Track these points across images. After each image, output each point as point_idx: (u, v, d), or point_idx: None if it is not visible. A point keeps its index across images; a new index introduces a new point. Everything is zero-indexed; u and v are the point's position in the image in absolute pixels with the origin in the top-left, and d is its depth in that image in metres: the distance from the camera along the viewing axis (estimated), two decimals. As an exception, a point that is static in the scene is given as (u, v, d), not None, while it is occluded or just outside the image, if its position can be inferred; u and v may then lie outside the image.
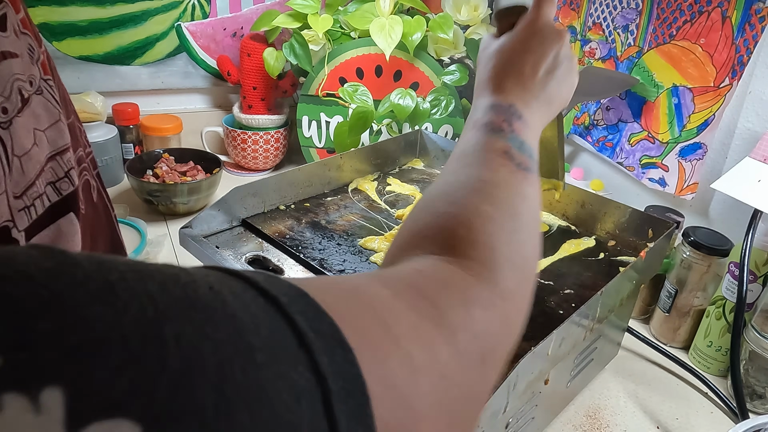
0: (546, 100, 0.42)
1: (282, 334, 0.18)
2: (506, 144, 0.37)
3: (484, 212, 0.32)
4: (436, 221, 0.32)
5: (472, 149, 0.37)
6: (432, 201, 0.34)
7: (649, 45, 0.97)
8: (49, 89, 0.36)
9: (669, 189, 0.94)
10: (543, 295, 0.65)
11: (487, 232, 0.31)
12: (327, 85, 1.15)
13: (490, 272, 0.29)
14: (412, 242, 0.32)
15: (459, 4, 1.17)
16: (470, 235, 0.30)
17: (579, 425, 0.69)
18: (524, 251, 0.33)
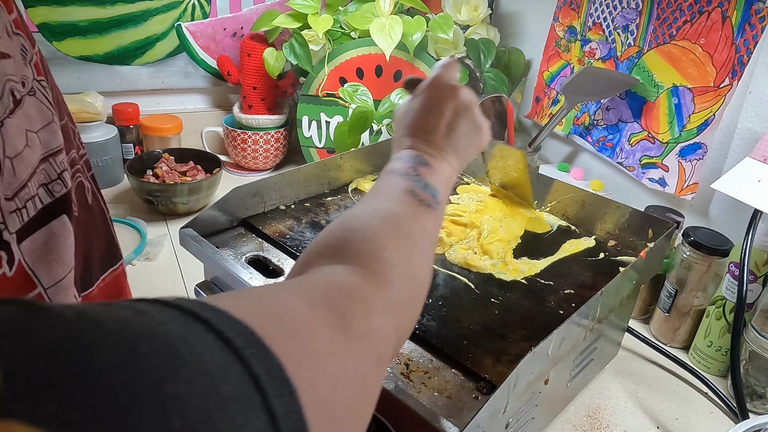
0: (453, 148, 0.48)
1: (242, 379, 0.19)
2: (411, 185, 0.43)
3: (387, 235, 0.37)
4: (347, 236, 0.37)
5: (384, 188, 0.44)
6: (346, 220, 0.39)
7: (649, 45, 0.97)
8: (42, 90, 0.36)
9: (669, 189, 0.94)
10: (543, 295, 0.65)
11: (388, 250, 0.36)
12: (327, 85, 1.15)
13: (387, 283, 0.33)
14: (324, 252, 0.36)
15: (459, 4, 1.17)
16: (374, 250, 0.35)
17: (579, 425, 0.69)
18: (417, 271, 0.37)
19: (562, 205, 0.82)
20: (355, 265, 0.33)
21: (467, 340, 0.56)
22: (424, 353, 0.54)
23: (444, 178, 0.46)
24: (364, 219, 0.39)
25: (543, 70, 1.19)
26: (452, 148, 0.48)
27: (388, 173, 0.46)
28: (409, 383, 0.51)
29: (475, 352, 0.55)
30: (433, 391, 0.50)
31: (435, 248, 0.42)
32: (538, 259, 0.72)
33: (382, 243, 0.36)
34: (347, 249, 0.35)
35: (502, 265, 0.69)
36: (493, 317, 0.60)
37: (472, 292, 0.65)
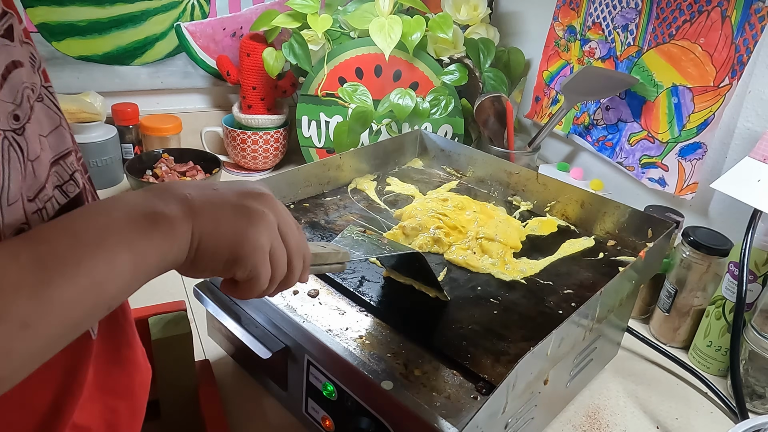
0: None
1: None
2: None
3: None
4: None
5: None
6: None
7: (648, 44, 0.97)
8: (49, 96, 0.37)
9: (669, 189, 0.94)
10: (542, 295, 0.65)
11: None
12: (326, 85, 1.15)
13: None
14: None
15: (458, 3, 1.17)
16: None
17: (579, 425, 0.69)
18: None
19: (562, 205, 0.81)
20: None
21: (466, 340, 0.56)
22: (423, 353, 0.54)
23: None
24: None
25: (542, 69, 1.19)
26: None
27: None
28: (407, 383, 0.51)
29: (474, 353, 0.54)
30: (432, 392, 0.50)
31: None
32: (538, 259, 0.72)
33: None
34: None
35: (501, 265, 0.69)
36: (493, 317, 0.60)
37: (471, 291, 0.65)
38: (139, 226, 0.32)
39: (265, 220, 0.38)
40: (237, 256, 0.37)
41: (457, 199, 0.82)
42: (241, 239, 0.36)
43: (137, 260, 0.32)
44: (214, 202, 0.36)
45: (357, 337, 0.56)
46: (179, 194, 0.35)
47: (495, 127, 1.13)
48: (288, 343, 0.61)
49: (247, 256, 0.37)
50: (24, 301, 0.26)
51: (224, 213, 0.36)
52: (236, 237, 0.36)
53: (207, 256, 0.36)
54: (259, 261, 0.38)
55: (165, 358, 0.60)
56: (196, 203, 0.35)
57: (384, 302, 0.61)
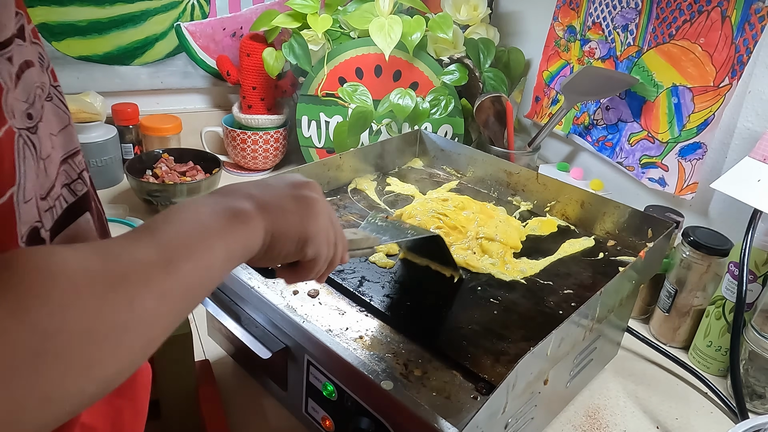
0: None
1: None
2: None
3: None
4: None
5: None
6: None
7: (648, 45, 0.97)
8: (58, 95, 0.37)
9: (669, 189, 0.94)
10: (542, 295, 0.65)
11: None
12: (326, 85, 1.15)
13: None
14: None
15: (458, 3, 1.17)
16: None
17: (579, 425, 0.69)
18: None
19: (562, 205, 0.81)
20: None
21: (466, 340, 0.56)
22: (423, 353, 0.54)
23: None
24: None
25: (542, 69, 1.19)
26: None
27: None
28: (407, 383, 0.51)
29: (474, 353, 0.54)
30: (432, 392, 0.50)
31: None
32: (538, 259, 0.72)
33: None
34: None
35: (501, 265, 0.69)
36: (493, 317, 0.60)
37: (471, 291, 0.65)
38: (225, 222, 0.35)
39: (321, 205, 0.43)
40: (306, 239, 0.41)
41: (457, 199, 0.82)
42: (306, 224, 0.41)
43: (228, 250, 0.35)
44: (276, 195, 0.40)
45: (357, 337, 0.56)
46: (245, 193, 0.39)
47: (495, 127, 1.13)
48: (288, 343, 0.61)
49: (314, 237, 0.41)
50: (157, 283, 0.29)
51: (287, 203, 0.40)
52: (302, 223, 0.40)
53: (280, 243, 0.39)
54: (322, 241, 0.42)
55: (165, 358, 0.60)
56: (262, 199, 0.39)
57: (384, 302, 0.61)
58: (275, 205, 0.39)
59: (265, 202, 0.39)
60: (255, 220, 0.37)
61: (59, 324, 0.24)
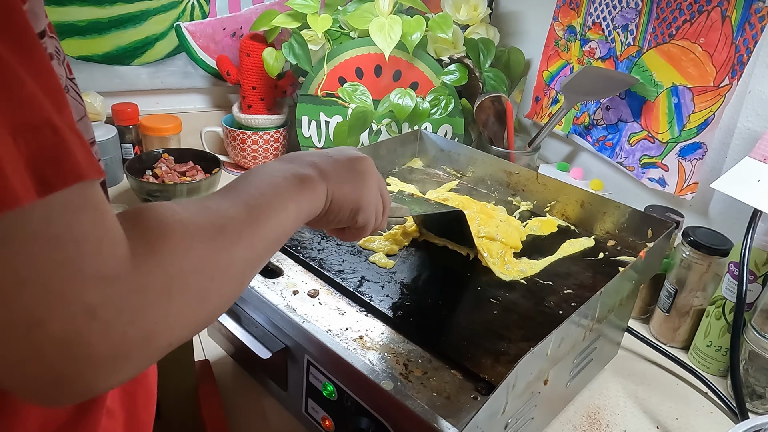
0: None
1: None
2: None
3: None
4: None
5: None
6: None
7: (648, 44, 0.97)
8: (74, 88, 0.39)
9: (669, 189, 0.94)
10: (542, 295, 0.65)
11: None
12: (326, 85, 1.15)
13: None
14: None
15: (458, 3, 1.17)
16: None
17: (579, 425, 0.69)
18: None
19: (562, 205, 0.81)
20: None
21: (466, 340, 0.56)
22: (423, 353, 0.54)
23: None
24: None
25: (542, 69, 1.19)
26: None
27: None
28: (407, 383, 0.51)
29: (474, 353, 0.54)
30: (432, 392, 0.50)
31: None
32: (538, 259, 0.72)
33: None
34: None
35: (501, 265, 0.69)
36: (492, 317, 0.60)
37: (471, 291, 0.65)
38: (295, 185, 0.40)
39: (374, 179, 0.48)
40: (359, 207, 0.46)
41: (457, 199, 0.82)
42: (360, 194, 0.46)
43: (297, 210, 0.40)
44: (336, 167, 0.45)
45: (357, 337, 0.56)
46: (310, 161, 0.43)
47: (495, 127, 1.13)
48: (288, 343, 0.61)
49: (366, 207, 0.47)
50: (248, 234, 0.35)
51: (345, 174, 0.45)
52: (357, 192, 0.46)
53: (336, 209, 0.44)
54: (370, 212, 0.47)
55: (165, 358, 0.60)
56: (324, 168, 0.43)
57: (384, 302, 0.61)
58: (335, 175, 0.44)
59: (327, 171, 0.43)
60: (319, 186, 0.42)
61: (180, 266, 0.29)
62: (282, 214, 0.38)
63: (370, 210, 0.48)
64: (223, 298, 0.33)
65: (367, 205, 0.47)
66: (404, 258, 0.70)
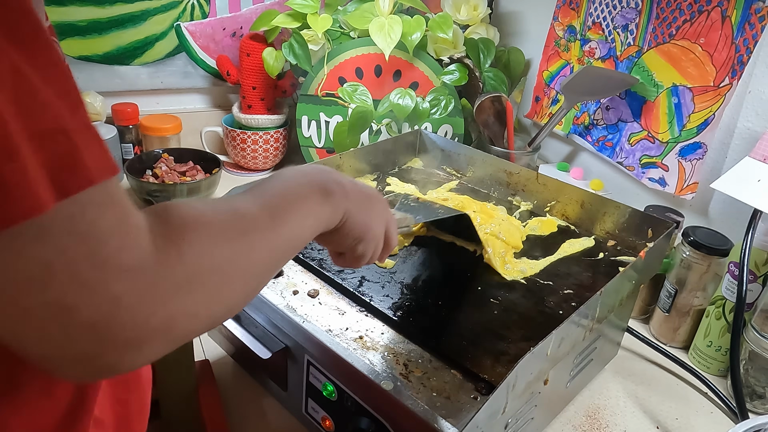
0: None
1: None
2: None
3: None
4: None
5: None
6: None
7: (648, 44, 0.97)
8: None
9: (669, 189, 0.94)
10: (542, 295, 0.65)
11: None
12: (326, 85, 1.15)
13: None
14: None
15: (458, 3, 1.17)
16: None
17: (579, 425, 0.69)
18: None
19: (562, 205, 0.81)
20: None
21: (466, 340, 0.56)
22: (423, 353, 0.54)
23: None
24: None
25: (543, 69, 1.19)
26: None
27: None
28: (407, 383, 0.51)
29: (474, 353, 0.54)
30: (432, 392, 0.50)
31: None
32: (538, 259, 0.72)
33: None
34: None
35: (501, 265, 0.69)
36: (492, 317, 0.60)
37: (471, 291, 0.65)
38: (318, 197, 0.42)
39: (384, 218, 0.50)
40: (363, 237, 0.48)
41: (457, 199, 0.82)
42: (370, 225, 0.48)
43: (317, 222, 0.42)
44: (357, 193, 0.47)
45: (357, 337, 0.56)
46: (337, 179, 0.45)
47: (495, 127, 1.13)
48: (288, 343, 0.61)
49: (368, 240, 0.48)
50: (268, 236, 0.36)
51: (363, 203, 0.47)
52: (365, 224, 0.47)
53: (344, 232, 0.46)
54: (371, 245, 0.49)
55: (165, 358, 0.60)
56: (348, 190, 0.45)
57: (384, 302, 0.61)
58: (355, 199, 0.46)
59: (350, 194, 0.45)
60: (339, 204, 0.44)
61: (200, 263, 0.30)
62: (303, 223, 0.40)
63: (371, 244, 0.49)
64: (240, 297, 0.35)
65: (372, 238, 0.49)
66: (404, 258, 0.70)
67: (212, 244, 0.31)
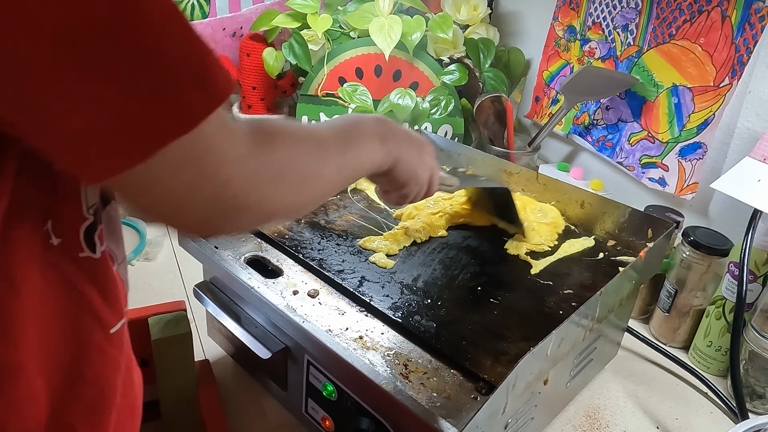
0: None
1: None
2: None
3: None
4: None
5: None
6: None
7: (648, 44, 0.97)
8: None
9: (669, 189, 0.94)
10: (542, 295, 0.65)
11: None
12: (326, 85, 1.15)
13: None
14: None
15: (458, 3, 1.17)
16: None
17: (579, 425, 0.69)
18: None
19: (562, 205, 0.81)
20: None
21: (466, 340, 0.56)
22: (423, 353, 0.54)
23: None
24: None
25: (543, 69, 1.19)
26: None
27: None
28: (407, 383, 0.51)
29: (474, 353, 0.54)
30: (432, 392, 0.50)
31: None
32: (538, 259, 0.72)
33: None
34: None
35: (533, 237, 0.75)
36: (493, 317, 0.60)
37: (471, 291, 0.65)
38: (377, 142, 0.50)
39: (429, 167, 0.57)
40: (409, 182, 0.55)
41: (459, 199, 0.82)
42: (414, 174, 0.55)
43: (372, 160, 0.49)
44: (409, 144, 0.54)
45: (357, 337, 0.56)
46: (394, 130, 0.53)
47: (495, 127, 1.13)
48: (288, 343, 0.61)
49: (414, 184, 0.56)
50: (338, 156, 0.45)
51: (413, 151, 0.54)
52: (413, 170, 0.55)
53: (395, 175, 0.53)
54: (415, 189, 0.57)
55: (165, 358, 0.60)
56: (401, 140, 0.53)
57: (384, 302, 0.61)
58: (406, 148, 0.53)
59: (401, 141, 0.53)
60: (393, 149, 0.51)
61: (285, 162, 0.38)
62: (364, 156, 0.48)
63: (416, 188, 0.57)
64: (310, 199, 0.43)
65: (416, 183, 0.56)
66: (404, 258, 0.70)
67: (294, 151, 0.39)
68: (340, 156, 0.45)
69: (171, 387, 0.63)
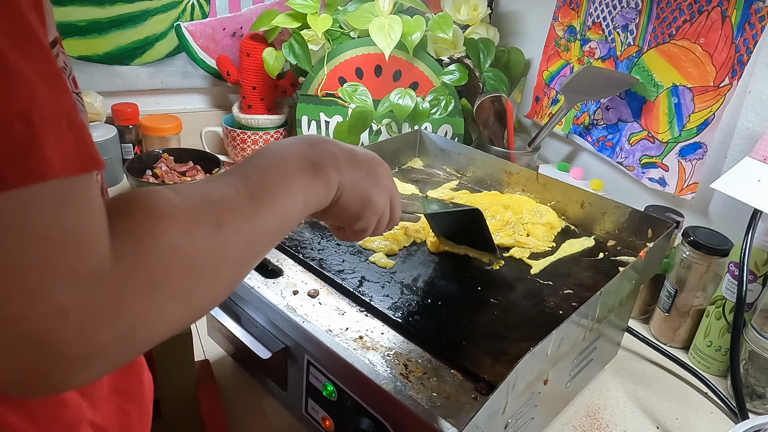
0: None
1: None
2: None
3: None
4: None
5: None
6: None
7: (648, 44, 0.97)
8: (80, 101, 0.39)
9: (669, 189, 0.94)
10: (542, 295, 0.65)
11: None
12: (326, 85, 1.15)
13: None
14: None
15: (458, 3, 1.17)
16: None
17: (579, 425, 0.69)
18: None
19: (562, 205, 0.81)
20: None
21: (466, 340, 0.56)
22: (423, 353, 0.54)
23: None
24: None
25: (543, 69, 1.19)
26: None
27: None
28: (407, 383, 0.51)
29: (474, 353, 0.54)
30: (432, 392, 0.50)
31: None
32: (538, 259, 0.72)
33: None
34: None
35: (546, 241, 0.74)
36: (493, 317, 0.60)
37: (471, 291, 0.65)
38: (308, 175, 0.39)
39: (386, 189, 0.47)
40: (361, 214, 0.45)
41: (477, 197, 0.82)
42: (367, 201, 0.45)
43: (306, 201, 0.39)
44: (354, 165, 0.43)
45: (357, 337, 0.56)
46: (331, 152, 0.42)
47: (495, 127, 1.13)
48: (288, 343, 0.61)
49: (367, 216, 0.46)
50: (247, 224, 0.33)
51: (360, 176, 0.44)
52: (364, 199, 0.45)
53: (341, 208, 0.43)
54: (372, 220, 0.47)
55: (165, 358, 0.60)
56: (342, 163, 0.42)
57: (384, 302, 0.61)
58: (350, 174, 0.43)
59: (344, 167, 0.42)
60: (332, 180, 0.41)
61: (167, 263, 0.27)
62: (289, 205, 0.37)
63: (373, 218, 0.47)
64: (211, 297, 0.32)
65: (373, 212, 0.46)
66: (404, 258, 0.70)
67: (182, 242, 0.28)
68: (252, 220, 0.33)
69: (171, 387, 0.63)
